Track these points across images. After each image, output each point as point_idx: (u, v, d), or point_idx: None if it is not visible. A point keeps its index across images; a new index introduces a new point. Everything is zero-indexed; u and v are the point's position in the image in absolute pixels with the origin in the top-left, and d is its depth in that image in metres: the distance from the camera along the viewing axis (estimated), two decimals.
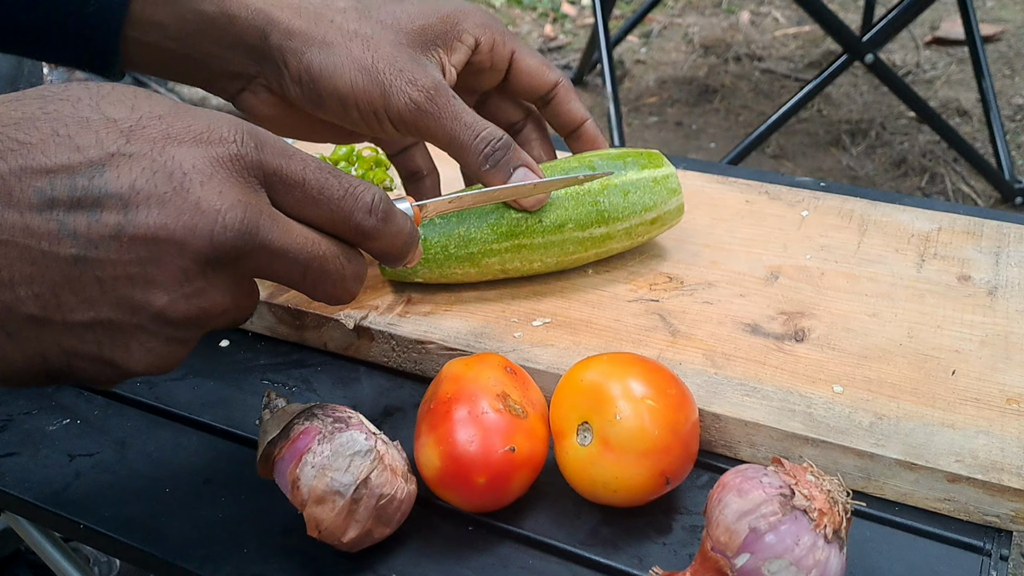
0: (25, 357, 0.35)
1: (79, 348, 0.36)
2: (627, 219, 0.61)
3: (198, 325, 0.38)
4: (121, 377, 0.38)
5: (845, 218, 0.68)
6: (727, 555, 0.40)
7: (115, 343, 0.36)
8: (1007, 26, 2.65)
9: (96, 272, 0.35)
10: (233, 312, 0.40)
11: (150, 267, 0.35)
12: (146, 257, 0.35)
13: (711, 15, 2.90)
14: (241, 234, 0.37)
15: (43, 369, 0.36)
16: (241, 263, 0.38)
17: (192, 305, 0.36)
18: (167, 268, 0.35)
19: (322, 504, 0.43)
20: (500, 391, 0.47)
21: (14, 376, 0.36)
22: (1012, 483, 0.46)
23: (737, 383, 0.53)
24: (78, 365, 0.36)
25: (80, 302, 0.35)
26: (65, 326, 0.35)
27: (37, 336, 0.35)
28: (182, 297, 0.36)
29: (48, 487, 0.51)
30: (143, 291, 0.35)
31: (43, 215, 0.34)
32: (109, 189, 0.35)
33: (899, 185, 1.99)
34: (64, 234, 0.34)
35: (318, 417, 0.46)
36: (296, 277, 0.41)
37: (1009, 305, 0.58)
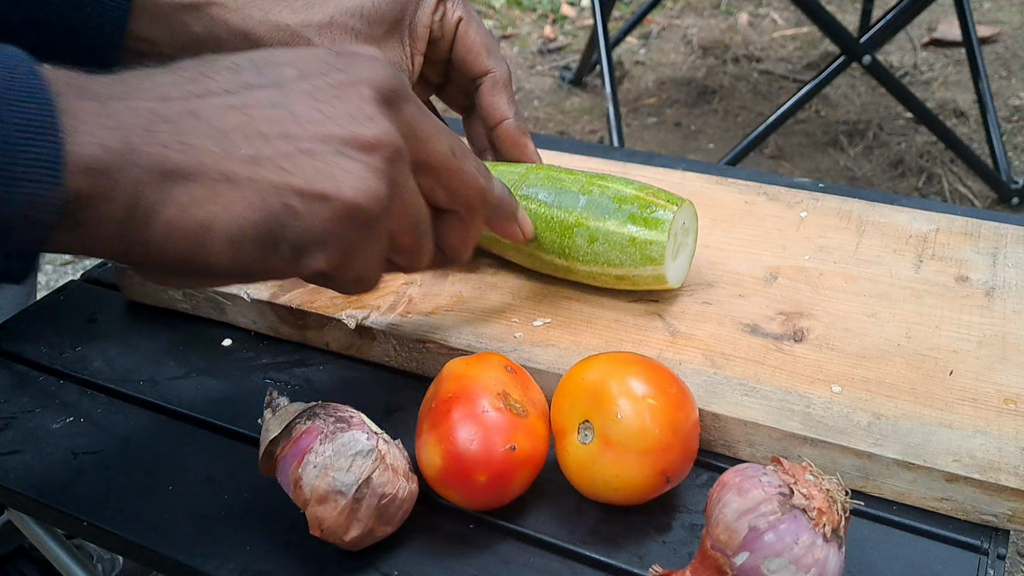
0: (248, 201, 0.38)
1: (291, 182, 0.39)
2: (588, 264, 0.58)
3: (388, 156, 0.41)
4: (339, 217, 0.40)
5: (843, 219, 0.69)
6: (726, 553, 0.40)
7: (321, 172, 0.39)
8: (1004, 28, 2.66)
9: (291, 110, 0.40)
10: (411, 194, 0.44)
11: (333, 103, 0.41)
12: (327, 95, 0.41)
13: (710, 16, 2.90)
14: (397, 77, 0.43)
15: (266, 215, 0.39)
16: (402, 109, 0.43)
17: (374, 129, 0.41)
18: (348, 99, 0.41)
19: (324, 504, 0.44)
20: (501, 390, 0.47)
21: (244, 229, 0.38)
22: (1009, 482, 0.46)
23: (736, 383, 0.53)
24: (296, 207, 0.39)
25: (283, 138, 0.39)
26: (275, 160, 0.39)
27: (254, 175, 0.38)
28: (364, 119, 0.41)
29: (51, 484, 0.52)
30: (332, 122, 0.40)
31: (236, 82, 0.40)
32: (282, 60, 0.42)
33: (896, 186, 1.99)
34: (257, 87, 0.40)
35: (320, 417, 0.46)
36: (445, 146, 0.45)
37: (1006, 306, 0.59)
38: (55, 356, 0.62)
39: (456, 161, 0.46)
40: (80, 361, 0.62)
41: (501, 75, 0.63)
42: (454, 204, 0.47)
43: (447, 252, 0.50)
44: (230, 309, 0.63)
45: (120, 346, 0.63)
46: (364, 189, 0.40)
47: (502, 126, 0.63)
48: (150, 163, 0.36)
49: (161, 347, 0.63)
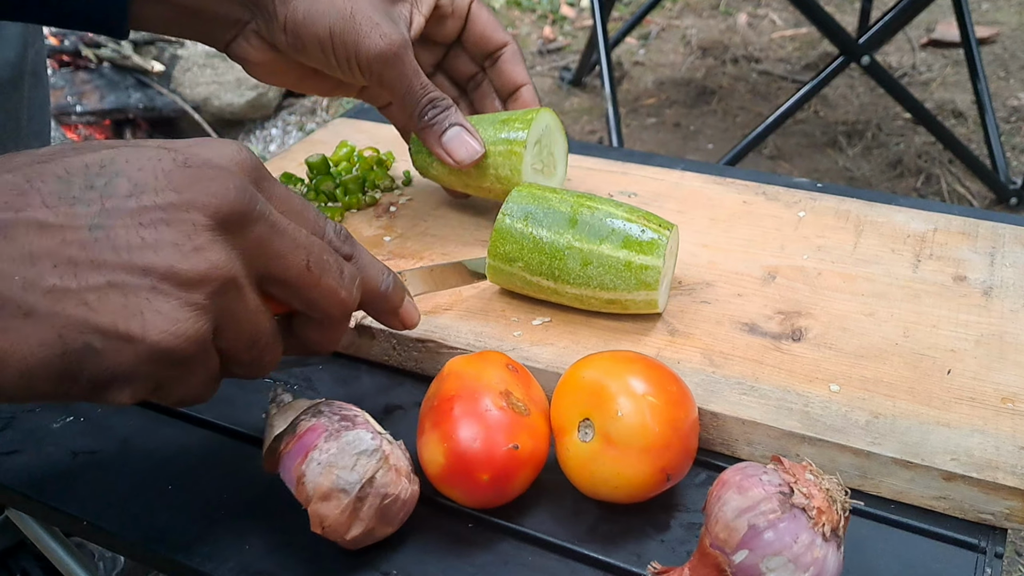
0: (44, 338, 0.36)
1: (94, 320, 0.36)
2: (579, 287, 0.57)
3: (213, 289, 0.38)
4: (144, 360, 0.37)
5: (842, 219, 0.69)
6: (725, 552, 0.40)
7: (129, 310, 0.36)
8: (1002, 28, 2.66)
9: (109, 236, 0.37)
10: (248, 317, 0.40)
11: (160, 227, 0.37)
12: (157, 218, 0.37)
13: (709, 17, 2.91)
14: (244, 196, 0.39)
15: (63, 351, 0.36)
16: (245, 231, 0.39)
17: (201, 260, 0.37)
18: (176, 225, 0.37)
19: (327, 501, 0.44)
20: (503, 388, 0.47)
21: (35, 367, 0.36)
22: (1007, 481, 0.46)
23: (735, 382, 0.53)
24: (98, 346, 0.36)
25: (94, 267, 0.36)
26: (80, 293, 0.36)
27: (55, 309, 0.36)
28: (190, 251, 0.37)
29: (51, 484, 0.52)
30: (153, 250, 0.37)
31: (60, 197, 0.37)
32: (119, 171, 0.38)
33: (895, 186, 1.99)
34: (79, 208, 0.37)
35: (325, 414, 0.46)
36: (300, 261, 0.42)
37: (1004, 305, 0.59)
38: None
39: (312, 276, 0.43)
40: None
41: (516, 47, 0.67)
42: (312, 313, 0.45)
43: (309, 347, 0.48)
44: None
45: None
46: (174, 331, 0.37)
47: (522, 91, 0.67)
48: None
49: None
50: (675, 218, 0.70)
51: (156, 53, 2.26)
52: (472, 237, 0.68)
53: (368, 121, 0.88)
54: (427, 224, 0.70)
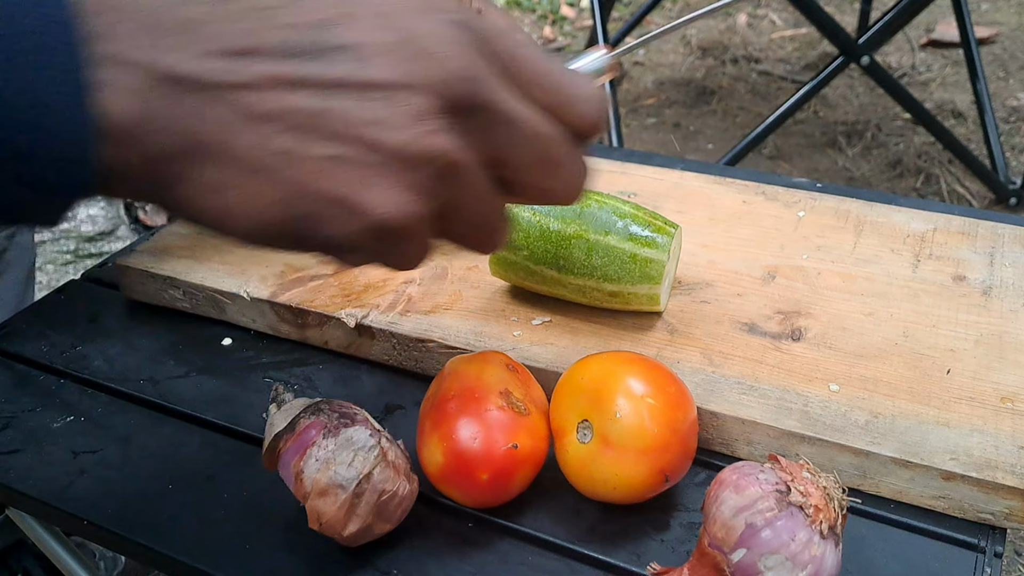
0: (276, 198, 0.36)
1: (325, 188, 0.36)
2: (582, 278, 0.57)
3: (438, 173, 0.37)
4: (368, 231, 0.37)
5: (841, 218, 0.69)
6: (724, 551, 0.40)
7: (359, 182, 0.36)
8: (1001, 29, 2.66)
9: (338, 110, 0.36)
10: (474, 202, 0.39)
11: (388, 106, 0.36)
12: (384, 97, 0.36)
13: (708, 17, 2.90)
14: (467, 79, 0.37)
15: (293, 214, 0.36)
16: (473, 117, 0.38)
17: (431, 143, 0.37)
18: (403, 107, 0.36)
19: (324, 497, 0.44)
20: (503, 388, 0.47)
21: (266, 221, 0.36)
22: (1006, 481, 0.46)
23: (734, 382, 0.53)
24: (325, 212, 0.36)
25: (323, 138, 0.36)
26: (312, 163, 0.36)
27: (287, 172, 0.36)
28: (417, 135, 0.36)
29: (52, 484, 0.52)
30: (380, 129, 0.36)
31: (286, 60, 0.36)
32: (343, 40, 0.37)
33: (895, 186, 1.99)
34: (309, 76, 0.36)
35: (324, 412, 0.46)
36: (532, 153, 0.40)
37: (1003, 305, 0.59)
38: (55, 355, 0.62)
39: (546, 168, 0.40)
40: (80, 360, 0.62)
41: None
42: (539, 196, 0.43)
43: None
44: (230, 308, 0.63)
45: (120, 345, 0.63)
46: (397, 209, 0.37)
47: None
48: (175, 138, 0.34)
49: (161, 346, 0.63)
50: (675, 218, 0.70)
51: None
52: None
53: None
54: None
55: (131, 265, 0.66)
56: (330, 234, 0.37)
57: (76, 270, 1.59)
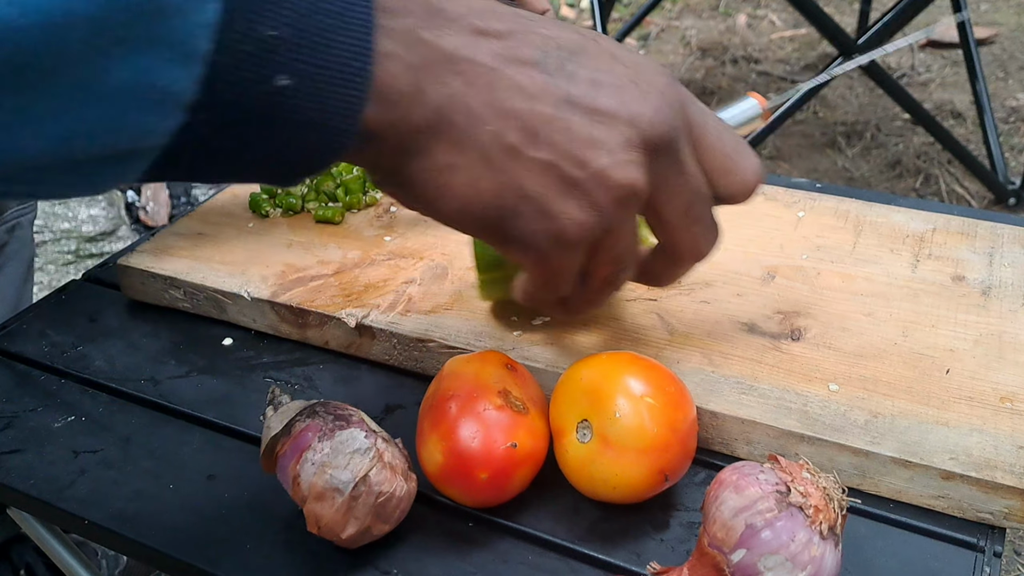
0: (491, 187, 0.40)
1: (531, 187, 0.41)
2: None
3: (619, 199, 0.42)
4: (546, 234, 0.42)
5: (841, 219, 0.69)
6: (724, 551, 0.40)
7: (558, 190, 0.41)
8: (1001, 29, 2.66)
9: (566, 124, 0.40)
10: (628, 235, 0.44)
11: (604, 131, 0.41)
12: (603, 122, 0.41)
13: (708, 18, 2.91)
14: (671, 128, 0.42)
15: (498, 204, 0.41)
16: (660, 159, 0.43)
17: (626, 173, 0.41)
18: (615, 135, 0.41)
19: (321, 500, 0.44)
20: (502, 388, 0.47)
21: (474, 205, 0.40)
22: (1005, 480, 0.46)
23: (734, 381, 0.53)
24: (521, 208, 0.41)
25: (547, 144, 0.40)
26: (529, 162, 0.40)
27: (507, 166, 0.40)
28: (620, 163, 0.41)
29: (53, 483, 0.52)
30: (594, 149, 0.41)
31: (538, 68, 0.40)
32: (584, 68, 0.41)
33: (894, 186, 1.99)
34: (552, 87, 0.40)
35: (319, 414, 0.46)
36: (682, 205, 0.45)
37: (1002, 305, 0.59)
38: (56, 355, 0.62)
39: (685, 221, 0.45)
40: (81, 360, 0.62)
41: None
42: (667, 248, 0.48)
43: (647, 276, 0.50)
44: (231, 308, 0.64)
45: (121, 345, 0.63)
46: (580, 223, 0.41)
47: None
48: (432, 115, 0.38)
49: (162, 346, 0.63)
50: None
51: None
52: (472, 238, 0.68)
53: None
54: (427, 224, 0.70)
55: (132, 265, 0.66)
56: (521, 228, 0.42)
57: (77, 270, 1.60)
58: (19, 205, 0.92)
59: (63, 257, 1.61)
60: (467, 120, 0.39)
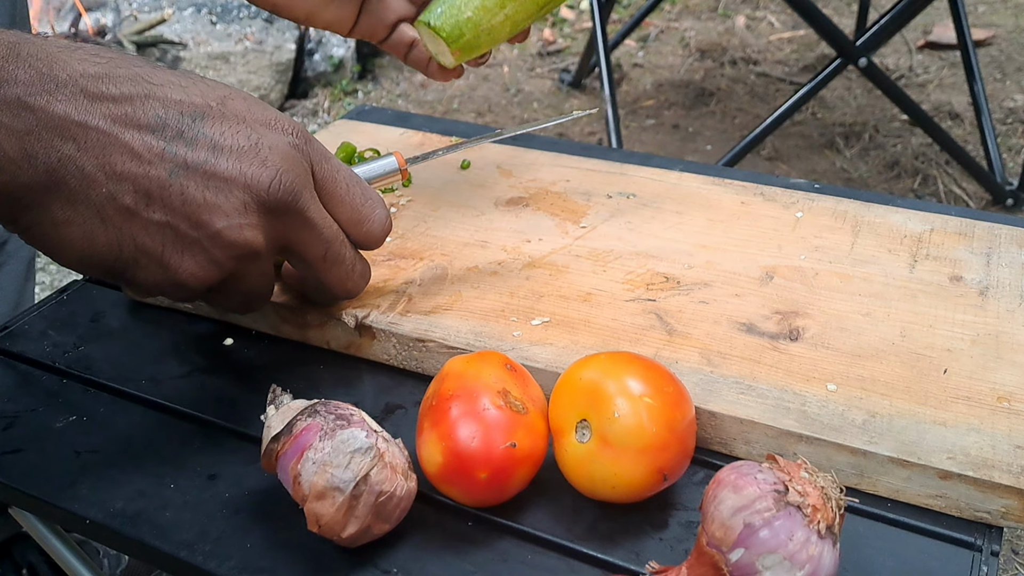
0: (108, 242, 0.45)
1: (148, 244, 0.45)
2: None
3: (238, 256, 0.47)
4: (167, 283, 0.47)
5: (839, 219, 0.69)
6: (722, 550, 0.40)
7: (175, 248, 0.46)
8: (998, 31, 2.67)
9: (182, 188, 0.45)
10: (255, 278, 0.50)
11: (220, 196, 0.45)
12: (220, 187, 0.45)
13: (707, 19, 2.91)
14: (290, 191, 0.47)
15: (117, 256, 0.45)
16: (283, 218, 0.48)
17: (241, 235, 0.46)
18: (232, 200, 0.46)
19: (322, 500, 0.44)
20: (501, 388, 0.47)
21: (93, 257, 0.45)
22: (1003, 480, 0.46)
23: (733, 381, 0.53)
24: (141, 261, 0.46)
25: (163, 207, 0.45)
26: (145, 223, 0.45)
27: (123, 225, 0.44)
28: (236, 226, 0.46)
29: (54, 483, 0.52)
30: (209, 213, 0.45)
31: (155, 135, 0.44)
32: (205, 133, 0.45)
33: (892, 187, 2.00)
34: (168, 153, 0.44)
35: (320, 414, 0.46)
36: (318, 252, 0.51)
37: (1000, 305, 0.59)
38: (58, 355, 0.63)
39: (324, 265, 0.52)
40: (83, 360, 0.62)
41: None
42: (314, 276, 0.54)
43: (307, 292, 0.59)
44: None
45: (122, 345, 0.63)
46: (197, 276, 0.47)
47: None
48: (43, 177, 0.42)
49: (163, 346, 0.63)
50: (674, 219, 0.70)
51: (159, 55, 2.26)
52: (473, 238, 0.69)
53: (369, 123, 0.88)
54: (427, 225, 0.71)
55: None
56: (141, 278, 0.47)
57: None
58: None
59: None
60: (80, 181, 0.43)
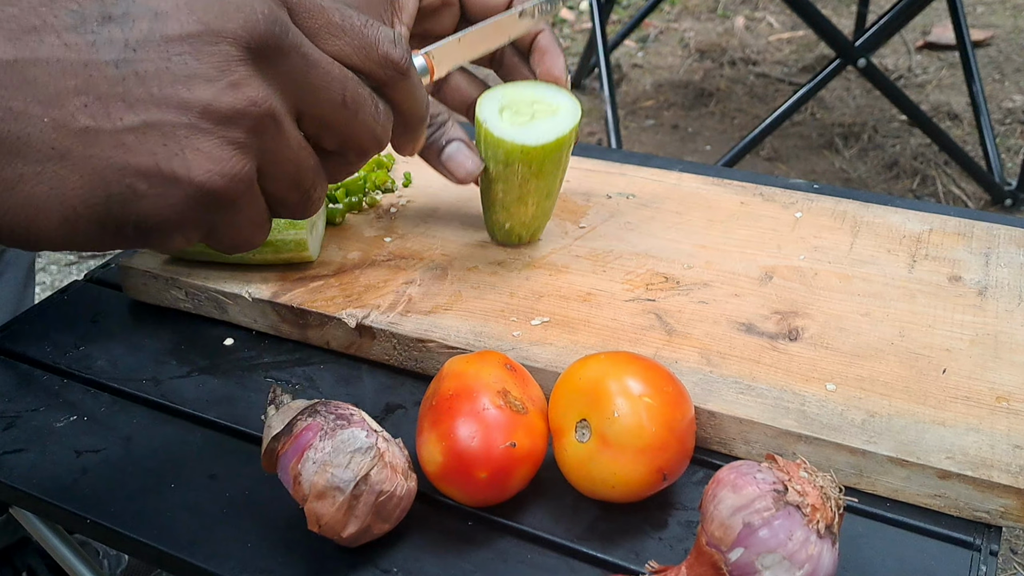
0: (84, 182, 0.34)
1: (135, 162, 0.34)
2: None
3: (251, 125, 0.36)
4: (188, 201, 0.35)
5: (838, 219, 0.69)
6: (721, 549, 0.40)
7: (170, 150, 0.34)
8: (997, 31, 2.67)
9: (138, 72, 0.34)
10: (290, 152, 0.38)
11: (190, 60, 0.34)
12: (185, 51, 0.34)
13: (707, 20, 2.91)
14: (274, 23, 0.36)
15: (105, 197, 0.34)
16: (280, 63, 0.37)
17: (238, 96, 0.35)
18: (207, 58, 0.35)
19: (322, 499, 0.44)
20: (501, 388, 0.47)
21: (76, 211, 0.34)
22: (1001, 479, 0.46)
23: (732, 381, 0.54)
24: (139, 188, 0.34)
25: (127, 106, 0.34)
26: (116, 134, 0.34)
27: (91, 152, 0.33)
28: (227, 86, 0.35)
29: (55, 483, 0.52)
30: (186, 85, 0.34)
31: (78, 31, 0.33)
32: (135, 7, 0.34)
33: (891, 187, 2.00)
34: (101, 43, 0.34)
35: (321, 414, 0.46)
36: (336, 97, 0.39)
37: (999, 305, 0.59)
38: (59, 355, 0.63)
39: (347, 112, 0.40)
40: (83, 360, 0.62)
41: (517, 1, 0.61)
42: (344, 150, 0.42)
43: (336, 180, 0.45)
44: (232, 309, 0.64)
45: (123, 345, 0.63)
46: (219, 171, 0.35)
47: (540, 39, 0.62)
48: None
49: (164, 346, 0.63)
50: (673, 219, 0.70)
51: None
52: (473, 239, 0.69)
53: None
54: (427, 225, 0.71)
55: (134, 266, 0.66)
56: (150, 210, 0.35)
57: (79, 271, 1.60)
58: None
59: (65, 258, 1.61)
60: (13, 123, 0.32)
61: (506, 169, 0.60)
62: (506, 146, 0.59)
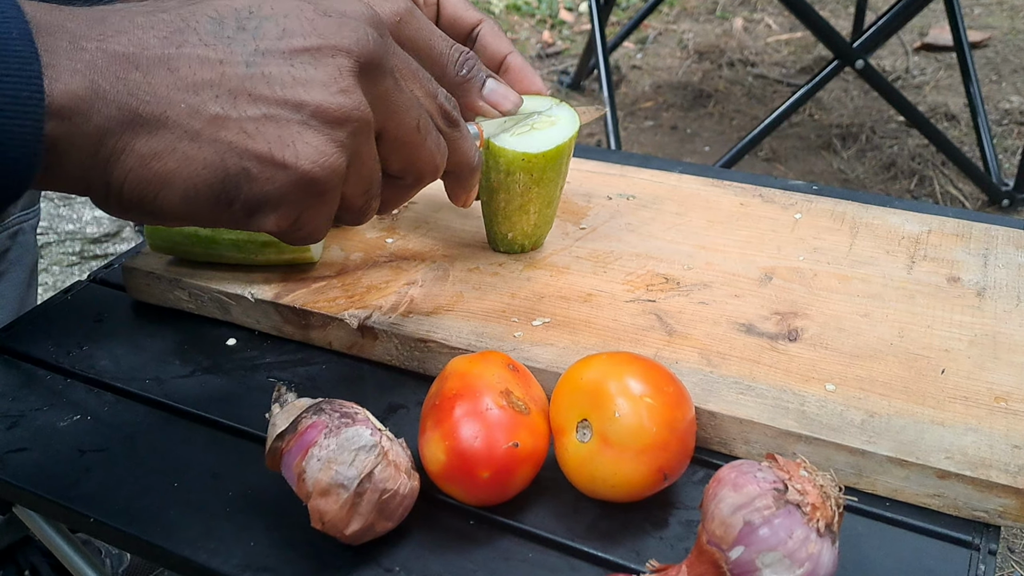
0: (207, 161, 0.40)
1: (252, 147, 0.40)
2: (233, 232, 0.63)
3: (353, 130, 0.42)
4: (291, 185, 0.41)
5: (837, 220, 0.70)
6: (722, 548, 0.41)
7: (283, 140, 0.40)
8: (994, 32, 2.68)
9: (264, 73, 0.40)
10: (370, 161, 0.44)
11: (309, 68, 0.41)
12: (306, 60, 0.41)
13: (705, 22, 2.92)
14: (380, 46, 0.43)
15: (223, 176, 0.40)
16: (379, 82, 0.43)
17: (346, 101, 0.41)
18: (324, 68, 0.41)
19: (326, 497, 0.44)
20: (503, 388, 0.48)
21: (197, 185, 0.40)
22: (1000, 479, 0.47)
23: (732, 381, 0.54)
24: (253, 170, 0.40)
25: (252, 100, 0.40)
26: (240, 122, 0.40)
27: (218, 135, 0.39)
28: (336, 92, 0.41)
29: (58, 482, 0.52)
30: (304, 89, 0.41)
31: (216, 36, 0.40)
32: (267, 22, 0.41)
33: (889, 188, 2.00)
34: (235, 47, 0.40)
35: (325, 412, 0.47)
36: (412, 123, 0.46)
37: (997, 306, 0.60)
38: (62, 355, 0.63)
39: (419, 137, 0.46)
40: (87, 360, 0.62)
41: (491, 21, 0.65)
42: (404, 175, 0.48)
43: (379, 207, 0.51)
44: (234, 309, 0.64)
45: (126, 345, 0.64)
46: (323, 163, 0.41)
47: (509, 59, 0.64)
48: (116, 112, 0.38)
49: (166, 346, 0.63)
50: (673, 220, 0.70)
51: None
52: (473, 239, 0.69)
53: None
54: (429, 227, 0.71)
55: (137, 267, 0.66)
56: (258, 190, 0.41)
57: (81, 271, 1.60)
58: (21, 211, 0.92)
59: (67, 259, 1.61)
60: (156, 105, 0.38)
61: (507, 178, 0.61)
62: (507, 155, 0.60)
